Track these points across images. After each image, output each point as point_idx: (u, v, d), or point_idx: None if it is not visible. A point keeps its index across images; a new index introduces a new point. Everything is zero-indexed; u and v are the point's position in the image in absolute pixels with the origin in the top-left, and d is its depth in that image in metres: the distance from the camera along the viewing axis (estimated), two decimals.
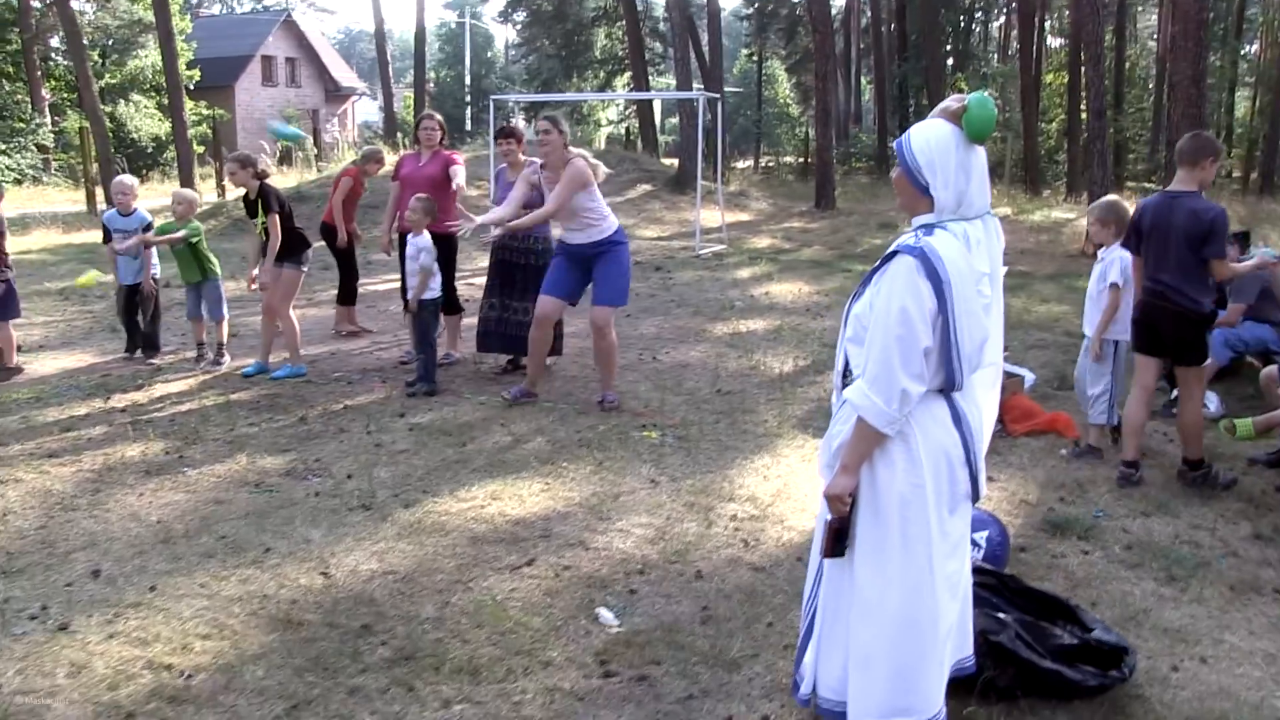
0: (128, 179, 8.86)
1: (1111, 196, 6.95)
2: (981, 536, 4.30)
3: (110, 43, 41.39)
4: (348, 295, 10.00)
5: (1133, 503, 5.54)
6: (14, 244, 17.95)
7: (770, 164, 43.47)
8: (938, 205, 2.89)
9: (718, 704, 3.49)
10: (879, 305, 2.84)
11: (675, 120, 27.55)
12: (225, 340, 8.69)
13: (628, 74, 40.57)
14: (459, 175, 8.05)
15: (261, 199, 7.93)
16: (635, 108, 38.01)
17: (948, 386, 2.91)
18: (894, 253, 2.86)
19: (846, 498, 2.94)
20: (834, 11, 39.23)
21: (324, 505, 5.40)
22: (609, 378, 7.37)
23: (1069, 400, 7.17)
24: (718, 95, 20.83)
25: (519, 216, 7.06)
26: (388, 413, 7.13)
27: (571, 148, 7.03)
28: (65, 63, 37.24)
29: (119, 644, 3.95)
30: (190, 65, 37.28)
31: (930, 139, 2.89)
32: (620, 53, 43.48)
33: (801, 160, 35.16)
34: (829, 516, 3.00)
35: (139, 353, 8.80)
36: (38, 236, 18.82)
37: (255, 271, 8.29)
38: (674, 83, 28.07)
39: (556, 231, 7.68)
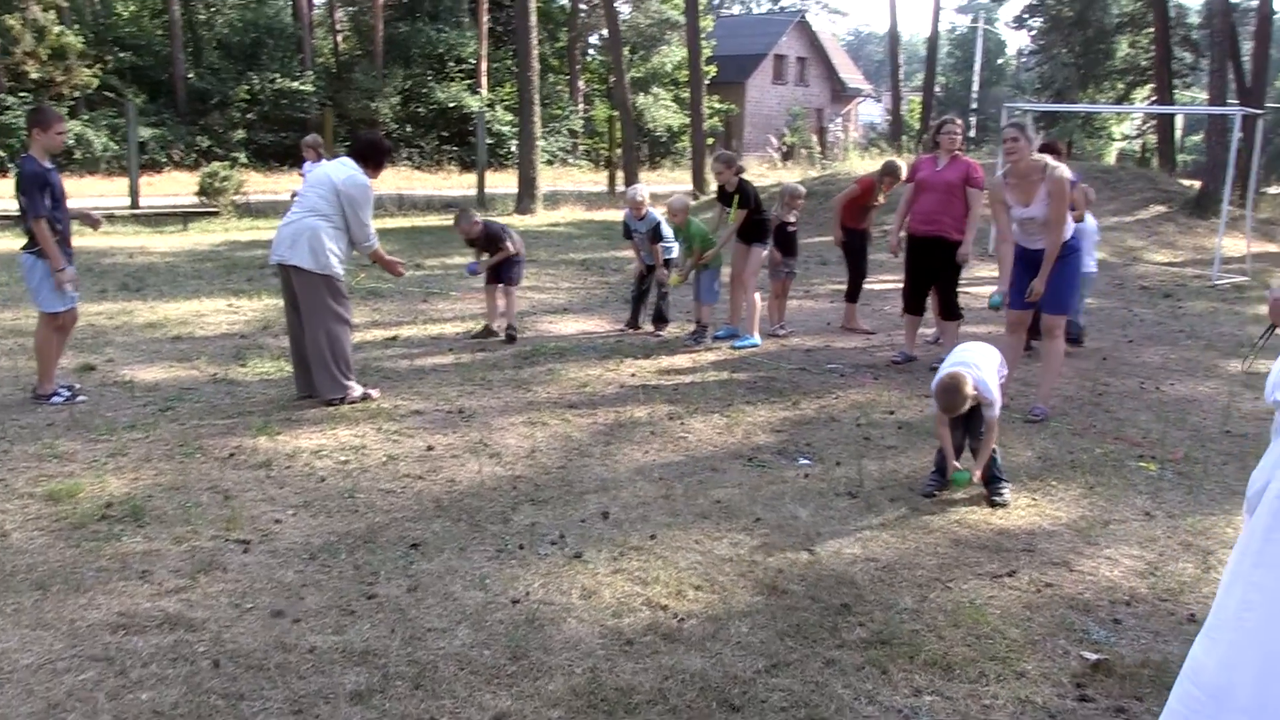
0: (638, 192, 9.52)
1: None
2: None
3: (639, 39, 44.88)
4: (853, 293, 10.21)
5: None
6: (545, 217, 20.25)
7: None
8: None
9: None
10: None
11: (1196, 138, 25.34)
12: (704, 320, 9.30)
13: (1149, 86, 37.99)
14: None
15: (739, 193, 8.78)
16: (1154, 123, 35.48)
17: None
18: None
19: None
20: None
21: (812, 487, 5.62)
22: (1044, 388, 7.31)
23: None
24: (1260, 112, 18.96)
25: None
26: (878, 408, 7.26)
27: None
28: (600, 57, 40.78)
29: (623, 579, 4.39)
30: (708, 61, 39.57)
31: None
32: (1143, 63, 40.72)
33: None
34: None
35: (635, 328, 9.54)
36: (565, 212, 20.94)
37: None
38: (1199, 96, 25.90)
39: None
